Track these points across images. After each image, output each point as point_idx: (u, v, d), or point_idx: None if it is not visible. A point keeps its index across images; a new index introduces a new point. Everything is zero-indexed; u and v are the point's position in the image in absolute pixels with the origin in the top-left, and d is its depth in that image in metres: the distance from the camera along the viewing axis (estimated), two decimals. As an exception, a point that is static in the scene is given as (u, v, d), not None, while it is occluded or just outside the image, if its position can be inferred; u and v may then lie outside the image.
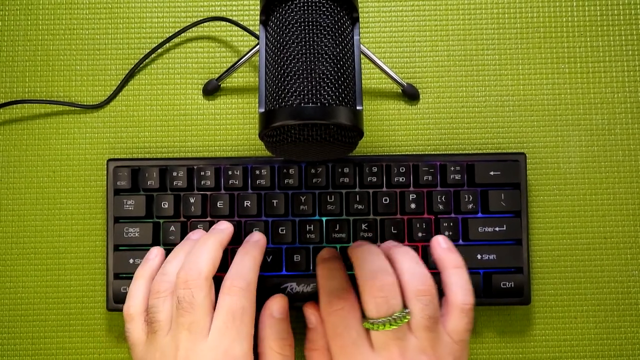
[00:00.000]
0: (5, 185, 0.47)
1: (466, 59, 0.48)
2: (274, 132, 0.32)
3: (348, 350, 0.36)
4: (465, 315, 0.37)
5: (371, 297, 0.35)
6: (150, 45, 0.48)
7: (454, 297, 0.37)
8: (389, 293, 0.35)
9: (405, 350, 0.35)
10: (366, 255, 0.37)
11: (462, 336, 0.37)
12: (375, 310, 0.35)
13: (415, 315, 0.35)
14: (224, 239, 0.40)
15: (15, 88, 0.48)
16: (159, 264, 0.41)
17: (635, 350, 0.46)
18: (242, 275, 0.37)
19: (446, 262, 0.39)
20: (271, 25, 0.34)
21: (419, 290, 0.36)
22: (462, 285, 0.38)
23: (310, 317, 0.40)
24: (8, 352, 0.46)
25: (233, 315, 0.36)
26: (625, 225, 0.47)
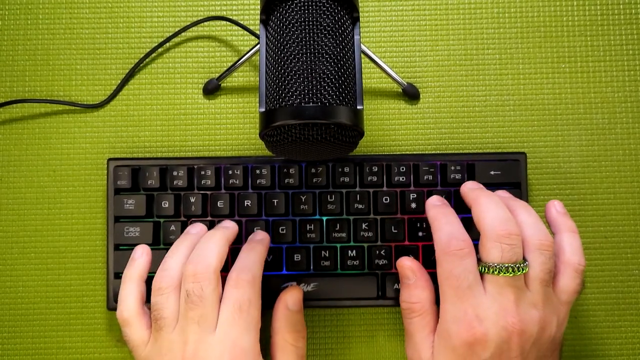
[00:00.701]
0: (6, 184, 0.47)
1: (466, 59, 0.48)
2: (274, 131, 0.32)
3: (462, 292, 0.35)
4: (578, 276, 0.37)
5: (497, 243, 0.35)
6: (151, 45, 0.48)
7: (569, 257, 0.37)
8: (515, 242, 0.35)
9: (520, 299, 0.35)
10: (490, 201, 0.37)
11: (570, 297, 0.37)
12: (499, 256, 0.35)
13: (534, 268, 0.35)
14: (229, 235, 0.40)
15: (16, 87, 0.48)
16: (145, 263, 0.40)
17: (635, 350, 0.46)
18: (248, 268, 0.38)
19: (562, 226, 0.39)
20: (271, 24, 0.34)
21: (542, 244, 0.36)
22: (577, 247, 0.38)
23: (407, 274, 0.40)
24: (8, 352, 0.46)
25: (240, 307, 0.36)
26: (625, 225, 0.47)
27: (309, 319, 0.46)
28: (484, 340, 0.34)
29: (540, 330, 0.35)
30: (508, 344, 0.34)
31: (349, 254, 0.43)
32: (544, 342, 0.36)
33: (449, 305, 0.36)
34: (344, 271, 0.43)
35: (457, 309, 0.35)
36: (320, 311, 0.46)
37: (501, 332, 0.34)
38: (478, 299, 0.35)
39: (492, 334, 0.34)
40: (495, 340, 0.34)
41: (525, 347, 0.35)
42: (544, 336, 0.36)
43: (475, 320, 0.35)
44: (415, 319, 0.38)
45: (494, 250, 0.35)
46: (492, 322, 0.34)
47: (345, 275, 0.43)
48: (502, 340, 0.34)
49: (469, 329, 0.35)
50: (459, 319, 0.35)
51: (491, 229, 0.36)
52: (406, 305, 0.39)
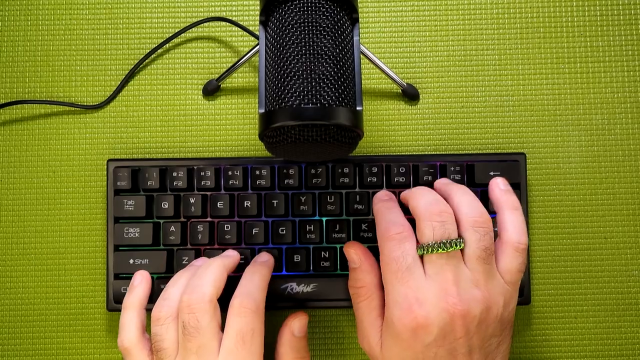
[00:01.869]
0: (6, 185, 0.47)
1: (466, 59, 0.48)
2: (274, 132, 0.32)
3: (402, 275, 0.35)
4: (520, 255, 0.36)
5: (428, 222, 0.35)
6: (150, 46, 0.48)
7: (509, 235, 0.37)
8: (446, 218, 0.35)
9: (459, 278, 0.35)
10: (422, 191, 0.37)
11: (514, 277, 0.36)
12: (431, 234, 0.35)
13: (470, 245, 0.35)
14: (229, 263, 0.40)
15: (16, 88, 0.48)
16: (145, 290, 0.40)
17: (635, 350, 0.46)
18: (251, 295, 0.37)
19: (503, 203, 0.38)
20: (271, 25, 0.34)
21: (476, 221, 0.35)
22: (518, 225, 0.37)
23: (353, 257, 0.40)
24: (8, 352, 0.46)
25: (243, 337, 0.35)
26: (625, 225, 0.47)
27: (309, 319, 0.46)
28: (425, 324, 0.34)
29: (484, 310, 0.35)
30: (451, 326, 0.34)
31: (348, 254, 0.43)
32: (491, 323, 0.35)
33: (390, 289, 0.35)
34: (344, 272, 0.43)
35: (397, 293, 0.35)
36: (320, 311, 0.46)
37: (443, 314, 0.34)
38: (418, 281, 0.35)
39: (434, 316, 0.34)
40: (437, 324, 0.34)
41: (470, 328, 0.34)
42: (490, 316, 0.35)
43: (415, 303, 0.34)
44: (362, 303, 0.38)
45: (426, 230, 0.35)
46: (433, 305, 0.34)
47: (345, 276, 0.43)
48: (445, 322, 0.34)
49: (409, 313, 0.34)
50: (399, 303, 0.35)
51: (422, 210, 0.36)
52: (353, 290, 0.39)
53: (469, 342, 0.34)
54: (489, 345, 0.36)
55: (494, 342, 0.36)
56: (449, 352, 0.34)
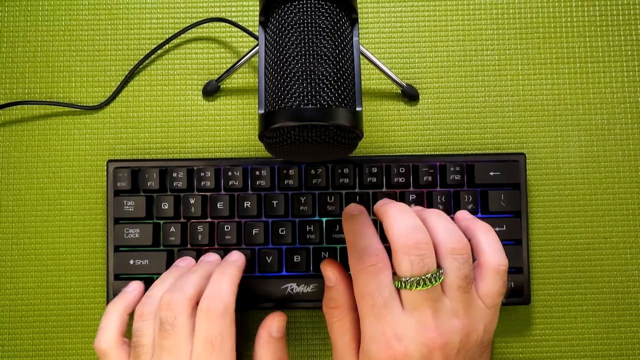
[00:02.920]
0: (6, 185, 0.47)
1: (466, 59, 0.48)
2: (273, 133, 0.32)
3: (378, 311, 0.34)
4: (500, 278, 0.35)
5: (405, 255, 0.33)
6: (150, 46, 0.48)
7: (487, 258, 0.35)
8: (424, 251, 0.33)
9: (438, 312, 0.33)
10: (398, 213, 0.35)
11: (495, 300, 0.35)
12: (409, 269, 0.33)
13: (449, 275, 0.34)
14: (211, 271, 0.39)
15: (15, 89, 0.48)
16: (134, 298, 0.40)
17: (635, 350, 0.46)
18: (220, 297, 0.36)
19: (475, 227, 0.37)
20: (270, 26, 0.34)
21: (454, 248, 0.34)
22: (494, 246, 0.36)
23: (329, 275, 0.38)
24: (8, 352, 0.46)
25: (212, 342, 0.34)
26: (625, 225, 0.47)
27: (309, 320, 0.46)
28: (404, 359, 0.33)
29: (464, 338, 0.34)
30: (430, 358, 0.33)
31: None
32: (470, 348, 0.34)
33: (367, 325, 0.34)
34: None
35: (374, 329, 0.34)
36: (320, 312, 0.46)
37: (422, 349, 0.33)
38: (395, 316, 0.34)
39: (412, 351, 0.33)
40: (416, 358, 0.33)
41: (450, 356, 0.34)
42: (469, 343, 0.34)
43: (394, 339, 0.33)
44: (335, 324, 0.37)
45: (403, 264, 0.33)
46: (412, 340, 0.33)
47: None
48: (424, 356, 0.33)
49: (388, 349, 0.33)
50: (377, 340, 0.34)
51: (398, 240, 0.34)
52: (326, 309, 0.38)
53: None
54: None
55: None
56: None
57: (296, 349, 0.46)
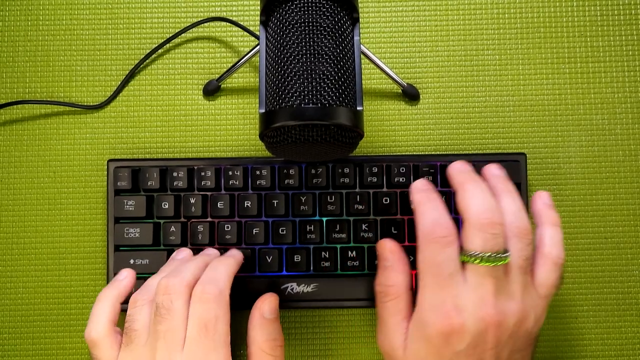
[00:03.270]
0: (6, 185, 0.47)
1: (466, 59, 0.48)
2: (274, 132, 0.32)
3: (443, 281, 0.34)
4: (557, 269, 0.36)
5: (480, 232, 0.34)
6: (151, 46, 0.48)
7: (548, 249, 0.37)
8: (497, 231, 0.34)
9: (499, 291, 0.34)
10: (475, 188, 0.36)
11: (548, 291, 0.36)
12: (481, 246, 0.34)
13: (513, 255, 0.35)
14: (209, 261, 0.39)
15: (16, 88, 0.48)
16: (127, 286, 0.39)
17: (635, 350, 0.46)
18: (215, 281, 0.36)
19: (544, 218, 0.38)
20: (271, 25, 0.34)
21: (521, 231, 0.35)
22: (558, 240, 0.37)
23: (387, 256, 0.39)
24: (8, 352, 0.46)
25: (206, 325, 0.34)
26: (625, 225, 0.47)
27: (309, 319, 0.46)
28: (461, 332, 0.34)
29: (517, 323, 0.35)
30: (484, 336, 0.34)
31: (349, 254, 0.43)
32: (520, 336, 0.35)
33: (428, 293, 0.35)
34: (344, 272, 0.43)
35: (436, 298, 0.34)
36: (320, 312, 0.46)
37: (479, 324, 0.34)
38: (458, 288, 0.34)
39: (470, 324, 0.34)
40: (472, 332, 0.34)
41: (501, 339, 0.34)
42: (521, 330, 0.35)
43: (453, 310, 0.34)
44: (389, 303, 0.37)
45: (477, 239, 0.34)
46: (470, 314, 0.34)
47: (345, 276, 0.43)
48: (479, 332, 0.34)
49: (446, 319, 0.34)
50: (437, 308, 0.34)
51: (475, 218, 0.35)
52: (381, 288, 0.38)
53: (497, 354, 0.34)
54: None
55: (517, 358, 0.36)
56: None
57: (296, 349, 0.46)
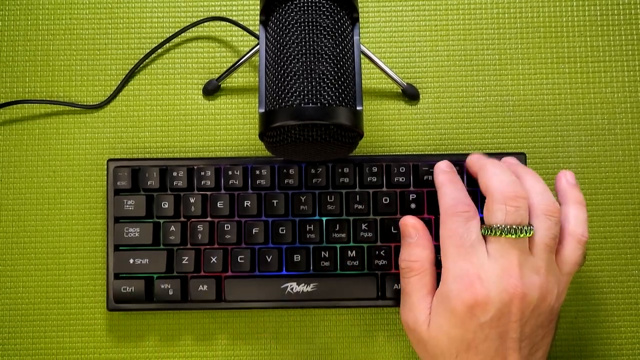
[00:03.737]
0: (5, 185, 0.47)
1: (466, 59, 0.48)
2: (274, 132, 0.32)
3: (465, 251, 0.35)
4: (581, 247, 0.37)
5: (502, 205, 0.35)
6: (150, 45, 0.48)
7: (573, 227, 0.37)
8: (520, 204, 0.35)
9: (523, 264, 0.34)
10: (495, 166, 0.37)
11: (571, 268, 0.36)
12: (502, 218, 0.34)
13: (539, 232, 0.35)
14: None
15: (15, 88, 0.48)
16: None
17: (635, 351, 0.46)
18: None
19: (569, 196, 0.38)
20: (271, 25, 0.34)
21: (548, 209, 0.36)
22: (582, 219, 0.37)
23: (410, 231, 0.39)
24: (8, 352, 0.46)
25: None
26: (625, 225, 0.47)
27: (308, 319, 0.46)
28: (484, 302, 0.34)
29: (540, 298, 0.35)
30: (509, 308, 0.34)
31: (348, 254, 0.43)
32: (543, 311, 0.35)
33: (451, 264, 0.35)
34: (344, 272, 0.43)
35: (458, 268, 0.35)
36: (320, 311, 0.46)
37: (502, 295, 0.34)
38: (480, 259, 0.35)
39: (494, 295, 0.34)
40: (496, 303, 0.34)
41: (525, 312, 0.34)
42: (544, 305, 0.35)
43: (477, 280, 0.34)
44: (414, 278, 0.38)
45: (498, 213, 0.35)
46: (494, 284, 0.34)
47: (345, 276, 0.43)
48: (503, 303, 0.34)
49: (469, 288, 0.34)
50: (460, 278, 0.34)
51: (497, 191, 0.35)
52: (405, 264, 0.38)
53: (521, 327, 0.34)
54: (536, 336, 0.36)
55: (540, 334, 0.36)
56: (500, 335, 0.34)
57: (296, 349, 0.46)
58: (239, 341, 0.46)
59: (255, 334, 0.46)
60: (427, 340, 0.36)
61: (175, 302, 0.43)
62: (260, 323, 0.46)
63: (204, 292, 0.43)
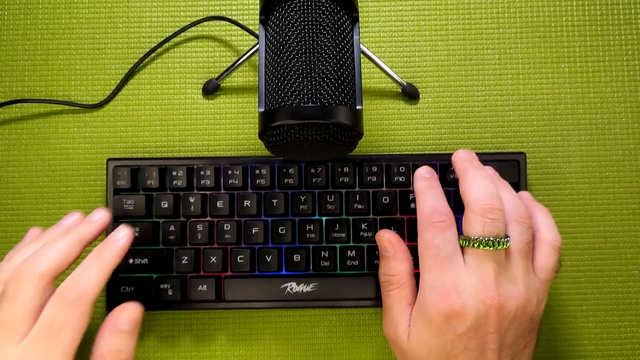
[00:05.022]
0: (5, 185, 0.47)
1: (466, 59, 0.48)
2: (274, 131, 0.32)
3: (441, 262, 0.35)
4: (555, 253, 0.37)
5: (479, 217, 0.35)
6: (150, 45, 0.48)
7: (545, 234, 0.37)
8: (497, 217, 0.35)
9: (499, 275, 0.35)
10: (477, 175, 0.37)
11: (548, 275, 0.37)
12: (480, 230, 0.35)
13: (513, 239, 0.36)
14: (86, 234, 0.35)
15: (15, 87, 0.48)
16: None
17: (635, 350, 0.46)
18: (78, 285, 0.33)
19: (534, 208, 0.39)
20: (271, 24, 0.34)
21: (520, 216, 0.36)
22: (552, 225, 0.38)
23: (386, 246, 0.39)
24: (7, 352, 0.45)
25: (51, 326, 0.32)
26: (625, 225, 0.47)
27: (308, 319, 0.46)
28: (461, 313, 0.34)
29: (519, 308, 0.35)
30: (485, 319, 0.34)
31: (348, 254, 0.43)
32: (524, 321, 0.35)
33: (427, 275, 0.35)
34: (344, 271, 0.43)
35: (435, 278, 0.35)
36: (320, 311, 0.46)
37: (479, 306, 0.34)
38: (457, 269, 0.35)
39: (470, 306, 0.34)
40: (472, 314, 0.34)
41: (504, 323, 0.34)
42: (523, 314, 0.35)
43: (453, 291, 0.34)
44: (393, 291, 0.38)
45: (476, 224, 0.35)
46: (470, 295, 0.34)
47: (345, 276, 0.43)
48: (480, 314, 0.34)
49: (446, 299, 0.34)
50: (436, 289, 0.35)
51: (475, 203, 0.35)
52: (384, 278, 0.39)
53: (500, 338, 0.34)
54: (517, 346, 0.36)
55: (521, 344, 0.36)
56: (479, 345, 0.34)
57: (295, 349, 0.45)
58: (239, 341, 0.46)
59: (255, 334, 0.46)
60: (408, 351, 0.36)
61: (175, 302, 0.43)
62: (260, 323, 0.46)
63: (203, 292, 0.43)
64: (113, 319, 0.34)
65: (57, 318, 0.32)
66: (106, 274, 0.34)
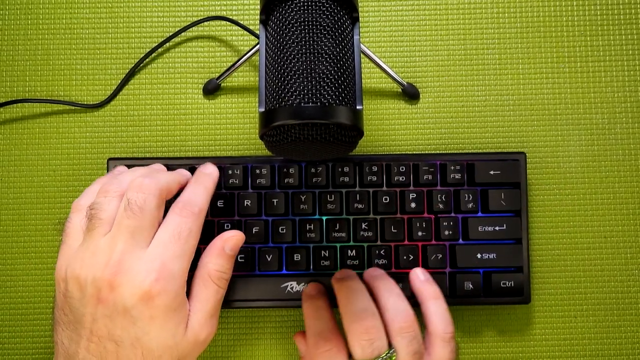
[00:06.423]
0: (6, 184, 0.47)
1: (466, 59, 0.48)
2: (274, 131, 0.32)
3: None
4: (448, 344, 0.38)
5: (356, 340, 0.37)
6: (151, 45, 0.48)
7: (434, 327, 0.39)
8: (374, 335, 0.37)
9: None
10: (350, 294, 0.39)
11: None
12: (360, 353, 0.36)
13: (400, 352, 0.37)
14: (183, 181, 0.39)
15: (16, 87, 0.48)
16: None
17: (635, 350, 0.46)
18: (194, 201, 0.37)
19: (425, 294, 0.40)
20: (271, 24, 0.34)
21: (402, 327, 0.37)
22: (441, 315, 0.39)
23: (300, 347, 0.42)
24: (9, 352, 0.46)
25: (180, 233, 0.35)
26: (625, 225, 0.47)
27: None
28: None
29: None
30: None
31: (348, 253, 0.43)
32: None
33: None
34: (344, 271, 0.43)
35: None
36: (320, 311, 0.46)
37: None
38: None
39: None
40: None
41: None
42: None
43: None
44: None
45: (355, 348, 0.37)
46: None
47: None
48: None
49: None
50: None
51: (349, 325, 0.37)
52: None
53: None
54: None
55: None
56: None
57: (295, 348, 0.46)
58: (239, 341, 0.46)
59: (255, 334, 0.46)
60: None
61: (175, 302, 0.43)
62: (260, 322, 0.46)
63: (204, 291, 0.43)
64: (221, 242, 0.38)
65: (185, 226, 0.35)
66: (209, 196, 0.39)
